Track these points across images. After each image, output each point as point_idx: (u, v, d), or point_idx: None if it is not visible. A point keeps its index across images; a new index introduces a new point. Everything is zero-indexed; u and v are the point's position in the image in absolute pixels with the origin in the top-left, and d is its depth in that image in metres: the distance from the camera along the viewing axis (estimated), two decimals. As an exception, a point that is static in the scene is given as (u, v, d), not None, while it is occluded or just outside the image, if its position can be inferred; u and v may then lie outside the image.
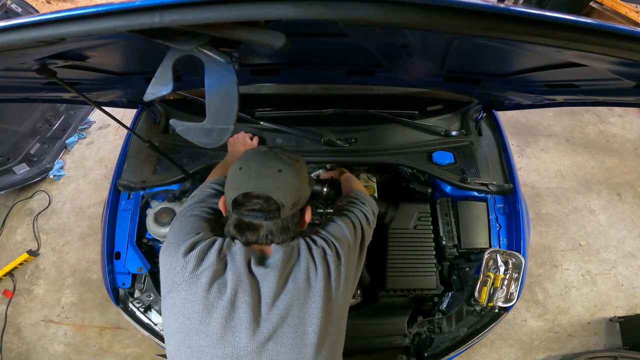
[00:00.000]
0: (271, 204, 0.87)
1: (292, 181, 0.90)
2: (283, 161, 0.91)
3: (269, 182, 0.87)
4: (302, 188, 0.93)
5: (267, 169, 0.89)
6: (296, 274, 0.89)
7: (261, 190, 0.87)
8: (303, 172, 0.95)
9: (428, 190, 1.72)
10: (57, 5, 4.59)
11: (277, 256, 0.89)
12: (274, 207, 0.88)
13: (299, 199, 0.91)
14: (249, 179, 0.88)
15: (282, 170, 0.89)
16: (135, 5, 0.46)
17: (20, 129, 2.95)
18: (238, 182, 0.90)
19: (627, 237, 2.76)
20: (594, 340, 2.39)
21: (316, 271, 0.90)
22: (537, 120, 3.50)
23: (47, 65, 0.92)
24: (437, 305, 1.58)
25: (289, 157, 0.94)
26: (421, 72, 1.42)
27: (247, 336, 0.82)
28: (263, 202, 0.87)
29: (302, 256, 0.91)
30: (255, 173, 0.88)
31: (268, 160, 0.91)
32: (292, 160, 0.93)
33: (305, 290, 0.87)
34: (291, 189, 0.89)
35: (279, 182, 0.88)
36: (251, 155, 0.94)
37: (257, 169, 0.89)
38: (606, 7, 4.14)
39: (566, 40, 0.49)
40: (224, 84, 0.62)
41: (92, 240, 2.81)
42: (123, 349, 2.40)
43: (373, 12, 0.43)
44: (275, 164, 0.90)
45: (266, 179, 0.87)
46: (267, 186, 0.87)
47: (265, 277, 0.86)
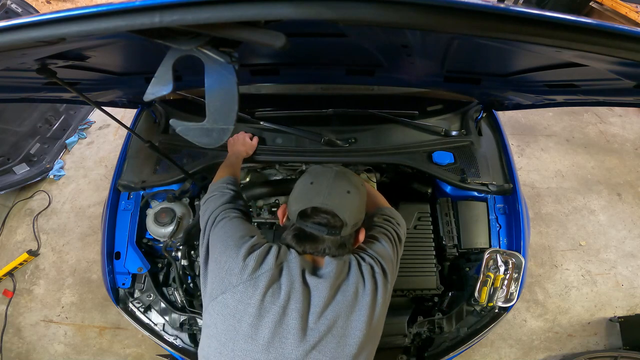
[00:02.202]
0: (336, 220, 0.91)
1: (357, 203, 0.96)
2: (351, 184, 0.97)
3: (337, 201, 0.92)
4: (362, 211, 0.98)
5: (337, 189, 0.94)
6: (345, 287, 0.92)
7: (330, 207, 0.91)
8: (364, 196, 1.01)
9: (428, 190, 1.72)
10: (57, 5, 4.59)
11: (329, 268, 0.92)
12: (338, 224, 0.92)
13: (358, 220, 0.96)
14: (320, 195, 0.92)
15: (351, 192, 0.95)
16: (135, 5, 0.46)
17: (20, 129, 2.95)
18: (309, 195, 0.94)
19: (627, 237, 2.76)
20: (594, 340, 2.39)
21: (364, 286, 0.93)
22: (537, 120, 3.50)
23: (47, 65, 0.92)
24: (437, 305, 1.58)
25: (356, 181, 1.00)
26: (421, 72, 1.42)
27: (293, 343, 0.85)
28: (330, 218, 0.91)
29: (352, 271, 0.94)
30: (327, 190, 0.93)
31: (339, 180, 0.96)
32: (359, 184, 1.00)
33: (352, 303, 0.90)
34: (355, 210, 0.94)
35: (347, 202, 0.93)
36: (322, 172, 0.99)
37: (328, 186, 0.94)
38: (606, 7, 4.14)
39: (566, 40, 0.49)
40: (224, 84, 0.62)
41: (92, 240, 2.81)
42: (123, 349, 2.40)
43: (373, 12, 0.43)
44: (345, 185, 0.96)
45: (335, 198, 0.92)
46: (335, 204, 0.91)
47: (318, 287, 0.90)
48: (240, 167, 1.47)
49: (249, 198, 1.65)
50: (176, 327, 1.54)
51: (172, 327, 1.54)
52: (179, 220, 1.59)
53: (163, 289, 1.62)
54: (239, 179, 1.43)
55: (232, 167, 1.40)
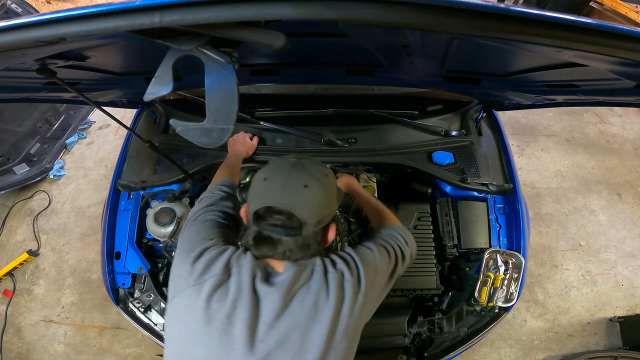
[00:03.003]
0: (294, 221, 0.82)
1: (318, 198, 0.84)
2: (310, 175, 0.86)
3: (293, 198, 0.82)
4: (328, 205, 0.87)
5: (293, 183, 0.84)
6: (304, 297, 0.82)
7: (284, 206, 0.81)
8: (331, 187, 0.90)
9: (428, 190, 1.72)
10: (57, 5, 4.59)
11: (286, 275, 0.83)
12: (296, 224, 0.82)
13: (323, 216, 0.86)
14: (273, 193, 0.84)
15: (309, 186, 0.83)
16: (135, 5, 0.46)
17: (20, 129, 2.95)
18: (261, 194, 0.86)
19: (627, 237, 2.76)
20: (594, 340, 2.39)
21: (327, 297, 0.83)
22: (537, 120, 3.50)
23: (47, 65, 0.92)
24: (437, 305, 1.58)
25: (318, 171, 0.88)
26: (421, 72, 1.42)
27: (241, 355, 0.78)
28: (285, 219, 0.82)
29: (315, 278, 0.84)
30: (281, 187, 0.84)
31: (295, 173, 0.86)
32: (321, 175, 0.88)
33: (311, 315, 0.81)
34: (316, 207, 0.84)
35: (304, 198, 0.83)
36: (278, 166, 0.89)
37: (282, 181, 0.84)
38: (606, 7, 4.14)
39: (566, 40, 0.49)
40: (224, 84, 0.62)
41: (92, 240, 2.81)
42: (123, 349, 2.40)
43: (373, 12, 0.43)
44: (302, 178, 0.85)
45: (291, 194, 0.83)
46: (291, 202, 0.82)
47: (268, 296, 0.81)
48: (239, 168, 1.46)
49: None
50: (176, 327, 1.53)
51: (172, 327, 1.54)
52: (179, 220, 1.59)
53: (163, 289, 1.62)
54: (238, 179, 1.41)
55: (231, 167, 1.39)
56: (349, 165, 1.74)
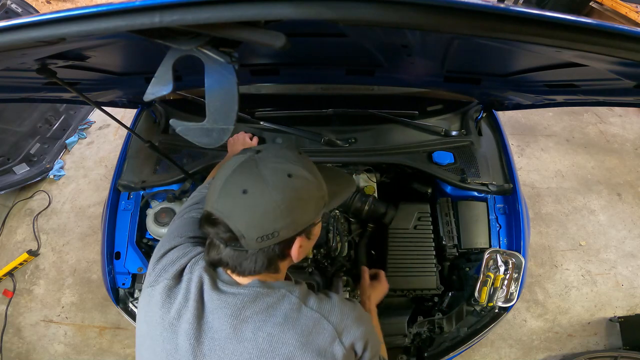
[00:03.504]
0: (225, 232, 0.70)
1: (261, 208, 0.67)
2: (256, 177, 0.68)
3: (227, 205, 0.69)
4: (285, 216, 0.68)
5: (230, 187, 0.69)
6: (259, 326, 0.70)
7: (219, 214, 0.69)
8: (292, 193, 0.69)
9: (428, 190, 1.72)
10: (57, 5, 4.59)
11: (244, 290, 0.73)
12: (227, 237, 0.70)
13: (275, 231, 0.68)
14: (212, 196, 0.72)
15: (248, 192, 0.67)
16: (135, 5, 0.46)
17: (20, 129, 2.95)
18: (207, 194, 0.75)
19: (627, 237, 2.76)
20: (594, 340, 2.39)
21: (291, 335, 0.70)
22: (537, 120, 3.50)
23: (47, 65, 0.92)
24: (437, 305, 1.58)
25: (274, 171, 0.69)
26: (421, 72, 1.42)
27: None
28: (217, 229, 0.71)
29: (282, 310, 0.72)
30: (219, 189, 0.70)
31: (237, 173, 0.70)
32: (276, 176, 0.69)
33: (264, 349, 0.69)
34: (259, 218, 0.67)
35: (242, 207, 0.68)
36: (230, 161, 0.74)
37: (222, 183, 0.70)
38: (606, 7, 4.14)
39: (566, 40, 0.49)
40: (224, 84, 0.62)
41: (92, 240, 2.81)
42: (123, 349, 2.40)
43: (373, 12, 0.43)
44: (244, 180, 0.69)
45: (226, 201, 0.69)
46: (224, 210, 0.69)
47: (216, 311, 0.72)
48: None
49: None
50: (176, 327, 1.53)
51: (172, 327, 1.54)
52: (179, 220, 1.59)
53: (163, 289, 1.62)
54: None
55: None
56: (349, 165, 1.75)
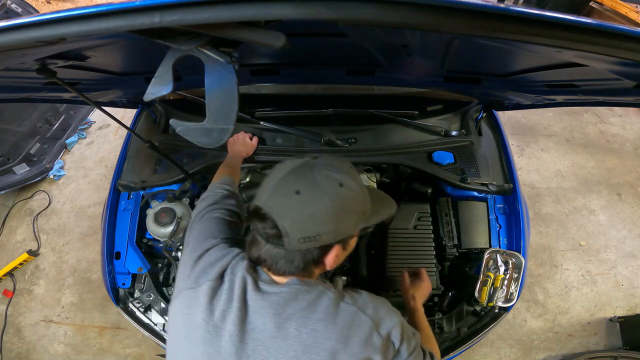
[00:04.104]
0: (271, 228, 0.72)
1: (311, 210, 0.70)
2: (311, 181, 0.72)
3: (278, 203, 0.72)
4: (328, 222, 0.71)
5: (284, 186, 0.73)
6: (303, 322, 0.73)
7: (268, 209, 0.72)
8: (341, 202, 0.72)
9: (428, 190, 1.72)
10: (57, 5, 4.59)
11: (284, 289, 0.76)
12: (276, 234, 0.72)
13: (317, 234, 0.71)
14: (264, 192, 0.75)
15: (301, 193, 0.70)
16: (135, 5, 0.46)
17: (20, 129, 2.95)
18: (259, 190, 0.78)
19: (627, 237, 2.76)
20: (594, 340, 2.39)
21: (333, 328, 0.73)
22: (537, 120, 3.50)
23: (47, 65, 0.92)
24: (437, 305, 1.58)
25: (326, 177, 0.73)
26: (421, 72, 1.42)
27: None
28: (264, 224, 0.73)
29: (322, 305, 0.75)
30: (271, 187, 0.74)
31: (292, 175, 0.74)
32: (329, 183, 0.72)
33: (309, 344, 0.72)
34: (305, 220, 0.71)
35: (292, 206, 0.71)
36: (284, 164, 0.78)
37: (275, 182, 0.74)
38: (606, 7, 4.14)
39: (566, 40, 0.49)
40: (224, 84, 0.62)
41: (92, 240, 2.81)
42: (123, 349, 2.40)
43: (373, 12, 0.43)
44: (298, 182, 0.72)
45: (278, 198, 0.72)
46: (275, 206, 0.72)
47: (259, 311, 0.75)
48: (239, 168, 1.46)
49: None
50: (176, 327, 1.54)
51: (172, 327, 1.54)
52: (179, 220, 1.59)
53: (163, 289, 1.62)
54: (238, 179, 1.40)
55: (231, 167, 1.38)
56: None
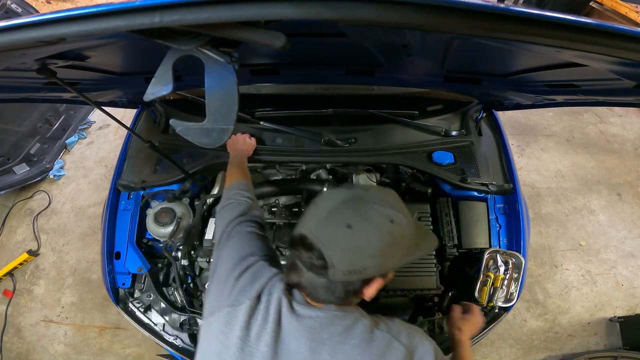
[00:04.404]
0: (318, 259, 0.71)
1: (361, 244, 0.70)
2: (363, 215, 0.71)
3: (327, 234, 0.71)
4: (376, 256, 0.71)
5: (335, 217, 0.72)
6: (337, 348, 0.73)
7: (315, 240, 0.71)
8: (390, 238, 0.72)
9: (428, 190, 1.72)
10: (57, 5, 4.59)
11: (321, 314, 0.76)
12: (322, 264, 0.71)
13: (364, 268, 0.71)
14: (311, 220, 0.74)
15: (353, 227, 0.70)
16: (135, 5, 0.46)
17: (20, 129, 2.95)
18: (304, 218, 0.77)
19: (627, 237, 2.76)
20: (594, 340, 2.39)
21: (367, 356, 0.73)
22: (537, 120, 3.50)
23: (47, 65, 0.92)
24: (437, 305, 1.58)
25: (378, 213, 0.72)
26: (421, 72, 1.42)
27: None
28: (311, 254, 0.71)
29: (357, 332, 0.75)
30: (321, 217, 0.73)
31: (344, 206, 0.73)
32: (380, 218, 0.72)
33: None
34: (354, 253, 0.70)
35: (341, 239, 0.70)
36: (335, 192, 0.78)
37: (326, 212, 0.73)
38: (606, 7, 4.14)
39: (566, 40, 0.49)
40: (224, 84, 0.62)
41: (92, 240, 2.81)
42: (123, 349, 2.40)
43: (373, 12, 0.43)
44: (350, 215, 0.71)
45: (327, 229, 0.71)
46: (323, 237, 0.71)
47: (294, 333, 0.75)
48: (247, 167, 1.44)
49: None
50: (176, 327, 1.54)
51: (172, 327, 1.54)
52: (179, 220, 1.59)
53: (163, 289, 1.62)
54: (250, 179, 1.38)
55: (240, 167, 1.36)
56: (349, 165, 1.75)
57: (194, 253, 1.60)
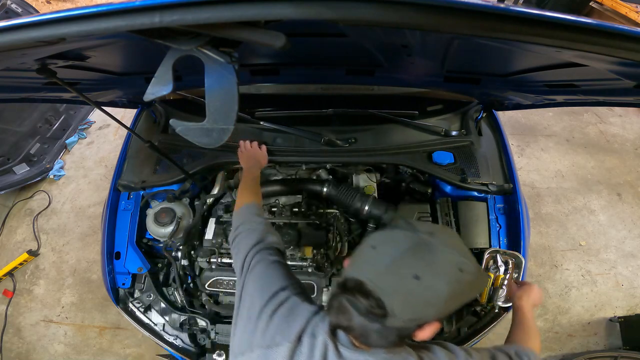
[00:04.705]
0: (379, 308, 0.66)
1: (428, 295, 0.66)
2: (432, 265, 0.67)
3: (390, 284, 0.66)
4: (440, 306, 0.67)
5: (400, 267, 0.66)
6: None
7: (376, 289, 0.66)
8: (459, 286, 0.68)
9: (428, 190, 1.72)
10: (57, 5, 4.59)
11: (368, 358, 0.72)
12: (381, 313, 0.66)
13: (424, 315, 0.68)
14: (371, 268, 0.68)
15: (421, 278, 0.65)
16: (135, 5, 0.46)
17: (20, 129, 2.95)
18: (360, 262, 0.71)
19: (627, 237, 2.76)
20: (594, 340, 2.39)
21: None
22: (537, 120, 3.50)
23: (47, 65, 0.92)
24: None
25: (449, 262, 0.68)
26: (421, 71, 1.42)
27: None
28: (370, 303, 0.66)
29: None
30: (384, 264, 0.67)
31: (410, 255, 0.67)
32: (450, 269, 0.68)
33: None
34: (419, 304, 0.67)
35: (406, 290, 0.66)
36: (397, 236, 0.71)
37: (390, 260, 0.67)
38: (606, 7, 4.14)
39: (566, 40, 0.49)
40: (224, 84, 0.62)
41: (92, 240, 2.81)
42: (123, 349, 2.40)
43: (373, 12, 0.43)
44: (418, 265, 0.66)
45: (391, 279, 0.66)
46: (387, 287, 0.66)
47: None
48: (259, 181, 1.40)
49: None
50: (176, 327, 1.54)
51: (172, 327, 1.54)
52: (179, 220, 1.59)
53: (163, 289, 1.62)
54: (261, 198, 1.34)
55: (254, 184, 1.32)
56: (349, 165, 1.74)
57: (194, 253, 1.60)
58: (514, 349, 0.91)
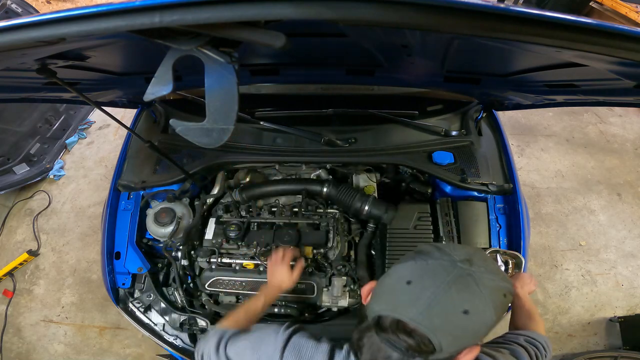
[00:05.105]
0: (426, 346, 0.62)
1: (477, 327, 0.64)
2: (480, 296, 0.63)
3: (439, 322, 0.62)
4: (485, 332, 0.66)
5: (447, 303, 0.62)
6: None
7: (422, 328, 0.61)
8: (501, 311, 0.67)
9: (428, 190, 1.72)
10: (57, 5, 4.59)
11: None
12: (426, 349, 0.62)
13: (468, 344, 0.66)
14: (414, 305, 0.62)
15: (471, 312, 0.62)
16: (135, 5, 0.46)
17: (20, 129, 2.95)
18: (395, 300, 0.66)
19: (627, 237, 2.76)
20: (594, 340, 2.39)
21: None
22: (537, 120, 3.50)
23: (47, 65, 0.92)
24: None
25: (493, 289, 0.65)
26: (421, 71, 1.42)
27: None
28: (415, 342, 0.62)
29: None
30: (427, 302, 0.62)
31: (455, 288, 0.63)
32: (497, 296, 0.65)
33: None
34: (468, 337, 0.64)
35: (455, 325, 0.62)
36: (434, 268, 0.66)
37: (432, 296, 0.62)
38: (606, 7, 4.14)
39: (566, 40, 0.49)
40: (224, 84, 0.62)
41: (92, 240, 2.81)
42: (123, 349, 2.40)
43: (373, 12, 0.43)
44: (465, 298, 0.62)
45: (438, 317, 0.62)
46: (434, 326, 0.61)
47: None
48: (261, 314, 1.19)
49: (249, 198, 1.64)
50: (176, 327, 1.53)
51: (172, 327, 1.54)
52: (179, 220, 1.59)
53: (163, 289, 1.62)
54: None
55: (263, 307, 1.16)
56: (349, 165, 1.74)
57: (194, 253, 1.60)
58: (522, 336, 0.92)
